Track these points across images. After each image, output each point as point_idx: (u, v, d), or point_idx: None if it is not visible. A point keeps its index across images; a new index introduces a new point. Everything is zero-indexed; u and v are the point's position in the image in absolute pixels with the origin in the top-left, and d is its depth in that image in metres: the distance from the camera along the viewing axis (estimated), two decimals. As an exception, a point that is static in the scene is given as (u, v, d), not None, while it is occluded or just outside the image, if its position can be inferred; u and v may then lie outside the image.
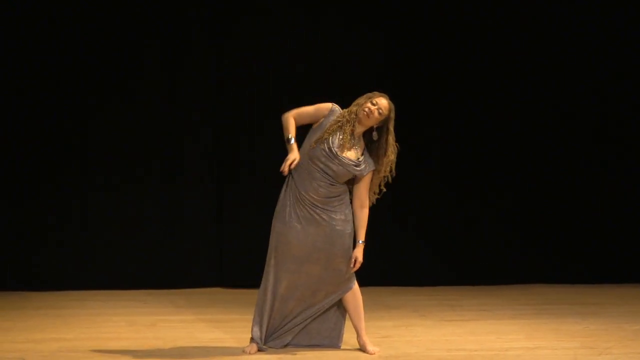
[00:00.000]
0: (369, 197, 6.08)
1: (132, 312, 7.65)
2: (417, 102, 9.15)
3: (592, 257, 9.34)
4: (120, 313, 7.57)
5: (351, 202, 6.02)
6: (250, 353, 5.98)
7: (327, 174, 5.92)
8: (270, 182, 8.94)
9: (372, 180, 6.04)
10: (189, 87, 8.91)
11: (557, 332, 6.81)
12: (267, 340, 6.05)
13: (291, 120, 5.97)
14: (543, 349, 6.23)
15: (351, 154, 5.95)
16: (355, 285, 6.09)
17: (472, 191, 9.24)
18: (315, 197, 5.93)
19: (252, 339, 6.05)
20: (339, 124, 5.94)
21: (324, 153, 5.90)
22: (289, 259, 5.97)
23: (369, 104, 5.95)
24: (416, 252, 9.11)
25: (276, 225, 6.03)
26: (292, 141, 5.89)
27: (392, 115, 6.01)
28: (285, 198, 6.01)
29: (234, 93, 8.97)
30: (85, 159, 8.81)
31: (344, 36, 9.03)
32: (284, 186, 6.05)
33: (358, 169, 5.96)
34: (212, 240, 9.00)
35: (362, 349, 6.09)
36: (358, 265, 5.99)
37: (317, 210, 5.94)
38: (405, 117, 9.06)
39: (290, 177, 6.02)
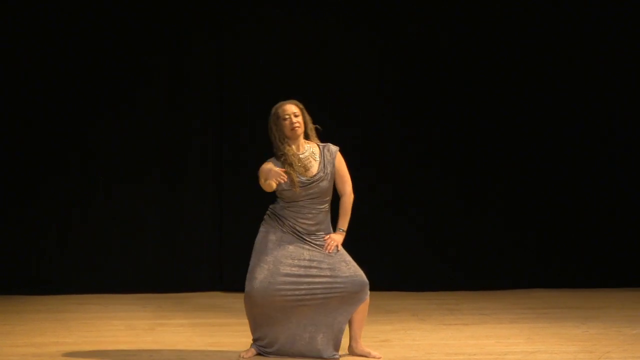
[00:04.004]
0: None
1: (132, 316, 7.65)
2: (417, 104, 9.15)
3: (592, 262, 9.33)
4: (119, 317, 7.57)
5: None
6: (244, 357, 5.96)
7: (314, 199, 5.95)
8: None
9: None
10: (190, 91, 8.91)
11: (556, 336, 6.81)
12: (274, 345, 5.99)
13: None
14: (542, 353, 6.23)
15: (314, 166, 5.98)
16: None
17: (472, 195, 9.23)
18: (304, 226, 5.95)
19: (253, 343, 6.03)
20: (284, 160, 5.95)
21: (300, 188, 5.90)
22: (278, 276, 5.88)
23: (283, 122, 5.98)
24: (416, 257, 9.10)
25: (256, 249, 6.01)
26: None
27: (301, 106, 6.04)
28: (272, 229, 6.00)
29: (235, 97, 8.97)
30: (86, 163, 8.81)
31: (343, 37, 9.03)
32: (263, 222, 6.07)
33: (329, 164, 5.97)
34: (212, 245, 8.99)
35: (364, 354, 6.05)
36: (332, 245, 5.92)
37: (311, 236, 5.96)
38: (405, 119, 9.17)
39: (271, 211, 6.07)
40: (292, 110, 6.00)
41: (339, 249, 5.98)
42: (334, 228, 6.04)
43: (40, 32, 8.68)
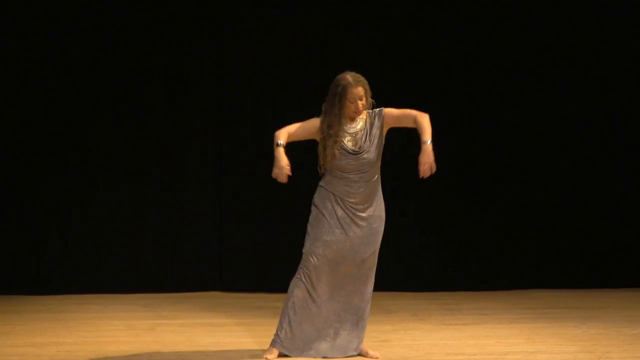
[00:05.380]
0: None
1: (132, 316, 7.65)
2: (417, 104, 9.10)
3: (592, 262, 9.33)
4: (119, 317, 7.57)
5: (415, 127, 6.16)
6: (269, 358, 5.96)
7: (362, 171, 5.96)
8: (271, 187, 8.98)
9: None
10: (190, 91, 8.91)
11: (556, 336, 6.80)
12: (299, 343, 6.01)
13: (283, 131, 5.96)
14: (542, 353, 6.23)
15: (362, 138, 5.99)
16: None
17: (472, 195, 9.23)
18: (358, 199, 5.97)
19: (273, 342, 6.02)
20: (327, 134, 5.93)
21: (350, 159, 5.93)
22: (326, 261, 5.96)
23: (348, 104, 5.95)
24: (416, 257, 9.10)
25: (312, 232, 6.01)
26: (281, 143, 5.87)
27: (367, 86, 6.04)
28: (322, 207, 5.99)
29: (235, 97, 8.97)
30: (86, 163, 8.81)
31: (343, 37, 9.02)
32: (315, 197, 6.05)
33: (376, 129, 6.01)
34: (212, 244, 8.99)
35: (362, 354, 6.08)
36: (427, 170, 6.05)
37: (358, 213, 5.98)
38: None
39: (321, 187, 6.03)
40: (360, 94, 5.96)
41: (433, 169, 6.05)
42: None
43: (40, 32, 8.67)
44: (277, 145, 5.87)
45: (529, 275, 9.24)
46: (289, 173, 5.84)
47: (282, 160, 5.84)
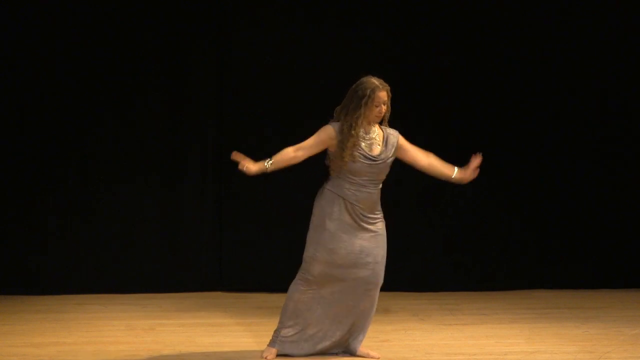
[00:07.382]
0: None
1: (132, 316, 7.65)
2: (417, 104, 9.14)
3: (592, 262, 9.32)
4: (119, 317, 7.57)
5: (422, 168, 6.28)
6: (268, 358, 5.97)
7: (374, 179, 6.01)
8: (271, 186, 8.99)
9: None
10: (190, 92, 8.90)
11: (556, 337, 6.81)
12: (300, 343, 6.03)
13: (285, 151, 6.05)
14: (542, 353, 6.24)
15: (378, 147, 6.03)
16: None
17: (472, 195, 9.22)
18: (365, 205, 6.00)
19: (272, 342, 6.03)
20: (346, 138, 5.95)
21: (365, 164, 5.96)
22: (334, 267, 5.97)
23: (373, 108, 6.00)
24: (416, 257, 9.10)
25: (315, 237, 6.02)
26: (267, 164, 6.03)
27: (390, 93, 6.10)
28: (328, 212, 6.00)
29: (235, 97, 8.96)
30: (86, 163, 8.80)
31: (343, 38, 9.01)
32: (320, 200, 6.06)
33: (391, 147, 6.07)
34: (212, 244, 8.99)
35: (363, 355, 6.09)
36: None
37: (365, 219, 6.01)
38: (404, 119, 9.13)
39: (328, 191, 6.04)
40: (385, 98, 6.03)
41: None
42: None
43: (41, 35, 8.66)
44: (267, 161, 6.02)
45: (529, 275, 9.23)
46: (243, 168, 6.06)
47: (250, 166, 6.08)
